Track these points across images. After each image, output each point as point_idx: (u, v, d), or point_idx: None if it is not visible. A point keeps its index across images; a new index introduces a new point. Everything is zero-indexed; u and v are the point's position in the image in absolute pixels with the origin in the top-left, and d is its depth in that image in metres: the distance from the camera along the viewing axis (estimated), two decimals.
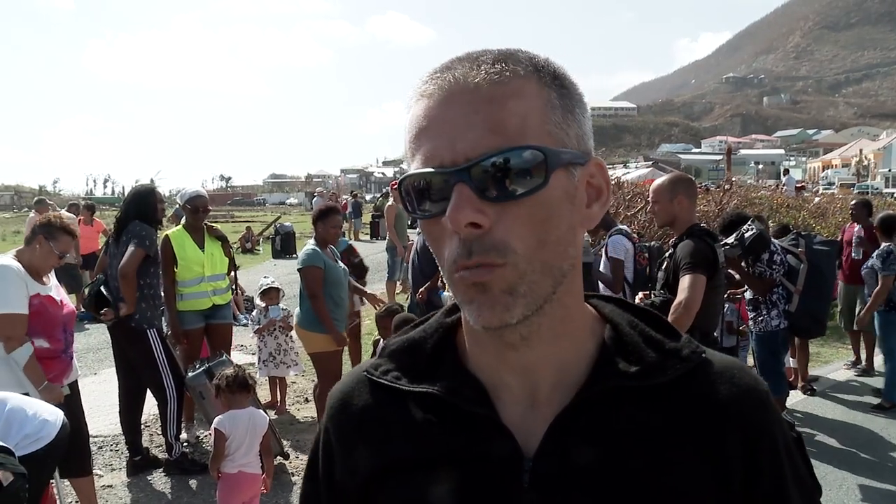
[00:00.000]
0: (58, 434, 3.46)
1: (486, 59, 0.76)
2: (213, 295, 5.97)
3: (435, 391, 0.84)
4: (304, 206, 56.00)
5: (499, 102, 0.74)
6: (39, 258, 4.17)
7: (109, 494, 5.00)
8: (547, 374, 0.82)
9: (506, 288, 0.74)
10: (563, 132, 0.76)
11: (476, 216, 0.72)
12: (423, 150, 0.76)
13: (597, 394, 0.79)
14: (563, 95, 0.78)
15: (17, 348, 3.96)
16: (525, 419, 0.81)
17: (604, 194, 0.82)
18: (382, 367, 0.90)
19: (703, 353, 0.83)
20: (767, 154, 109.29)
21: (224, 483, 4.07)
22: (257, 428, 4.12)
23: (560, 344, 0.81)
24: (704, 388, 0.82)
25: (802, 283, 5.96)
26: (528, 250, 0.74)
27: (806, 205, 15.81)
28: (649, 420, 0.79)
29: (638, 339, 0.83)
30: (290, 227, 21.99)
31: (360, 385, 0.93)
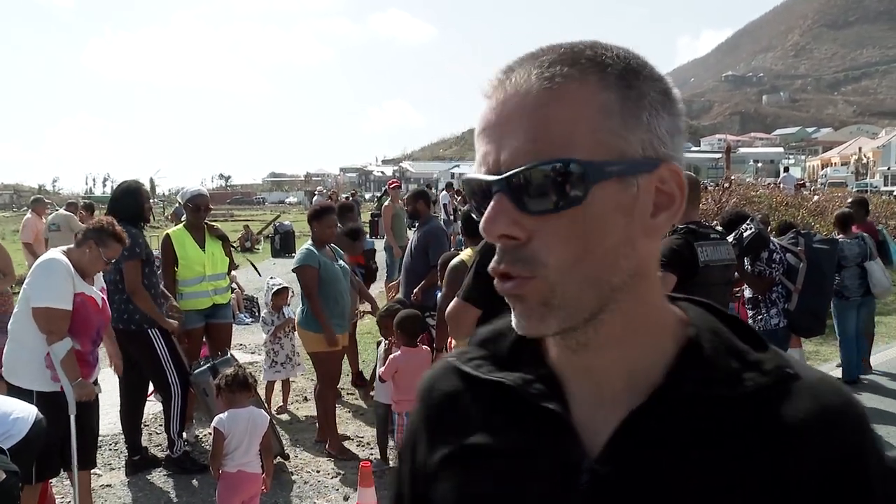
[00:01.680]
0: (30, 431, 3.51)
1: (545, 60, 0.74)
2: (214, 294, 5.97)
3: (509, 382, 0.84)
4: (303, 205, 55.96)
5: (546, 109, 0.71)
6: (88, 262, 4.27)
7: (108, 493, 5.00)
8: (615, 378, 0.79)
9: (540, 300, 0.73)
10: (621, 139, 0.72)
11: (509, 228, 0.72)
12: (479, 152, 0.76)
13: (668, 400, 0.76)
14: (626, 97, 0.73)
15: (57, 342, 4.03)
16: (594, 419, 0.79)
17: (676, 203, 0.76)
18: (467, 355, 0.91)
19: (789, 368, 0.77)
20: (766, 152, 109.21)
21: (224, 482, 4.07)
22: (257, 427, 4.12)
23: (628, 349, 0.79)
24: (786, 404, 0.75)
25: (802, 281, 5.96)
26: (563, 264, 0.72)
27: (805, 203, 15.82)
28: (720, 432, 0.74)
29: (719, 347, 0.79)
30: (289, 225, 21.96)
31: (445, 372, 0.94)
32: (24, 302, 4.16)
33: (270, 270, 16.57)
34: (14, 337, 4.21)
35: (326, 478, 5.24)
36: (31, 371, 4.10)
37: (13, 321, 4.27)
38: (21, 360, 4.14)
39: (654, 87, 0.75)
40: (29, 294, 4.13)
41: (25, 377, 4.09)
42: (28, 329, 4.10)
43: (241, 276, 12.77)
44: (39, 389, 4.02)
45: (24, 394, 3.98)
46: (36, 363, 4.10)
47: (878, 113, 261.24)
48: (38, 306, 4.07)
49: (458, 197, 22.12)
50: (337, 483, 5.15)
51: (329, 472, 5.34)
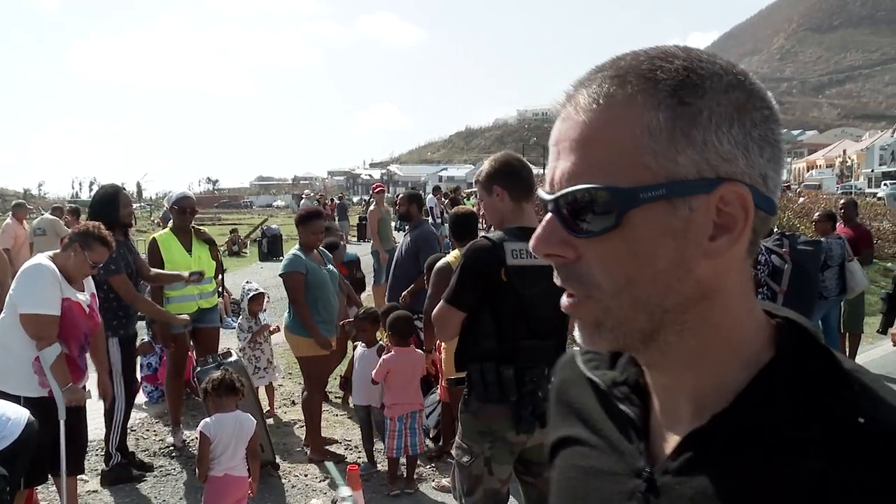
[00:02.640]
0: (22, 433, 3.49)
1: (598, 76, 0.74)
2: (200, 299, 5.95)
3: (599, 382, 0.89)
4: (290, 209, 55.82)
5: (589, 131, 0.72)
6: (73, 265, 4.25)
7: (95, 499, 4.98)
8: (685, 396, 0.79)
9: (592, 321, 0.75)
10: (669, 160, 0.70)
11: (554, 248, 0.74)
12: (547, 169, 0.78)
13: (728, 427, 0.73)
14: (677, 115, 0.70)
15: (47, 347, 4.03)
16: (666, 429, 0.81)
17: (736, 227, 0.71)
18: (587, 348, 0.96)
19: (861, 419, 0.69)
20: None
21: (211, 486, 4.06)
22: (244, 431, 4.12)
23: (696, 372, 0.77)
24: (850, 456, 0.68)
25: (787, 283, 6.00)
26: (614, 286, 0.73)
27: (790, 205, 15.93)
28: (776, 472, 0.70)
29: (795, 380, 0.73)
30: (276, 229, 21.92)
31: (567, 360, 1.01)
32: (10, 308, 4.14)
33: (258, 274, 16.53)
34: (1, 343, 4.19)
35: (314, 481, 5.23)
36: (17, 377, 4.08)
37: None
38: (7, 366, 4.12)
39: (720, 101, 0.71)
40: (16, 300, 4.11)
41: (12, 383, 4.06)
42: (14, 335, 4.08)
43: (228, 280, 12.72)
44: (27, 395, 4.00)
45: (12, 399, 3.95)
46: (23, 369, 4.08)
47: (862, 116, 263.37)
48: (25, 312, 4.05)
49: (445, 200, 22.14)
50: (324, 486, 5.14)
51: (316, 475, 5.33)
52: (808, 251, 6.20)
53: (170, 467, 5.51)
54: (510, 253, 3.07)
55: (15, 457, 3.43)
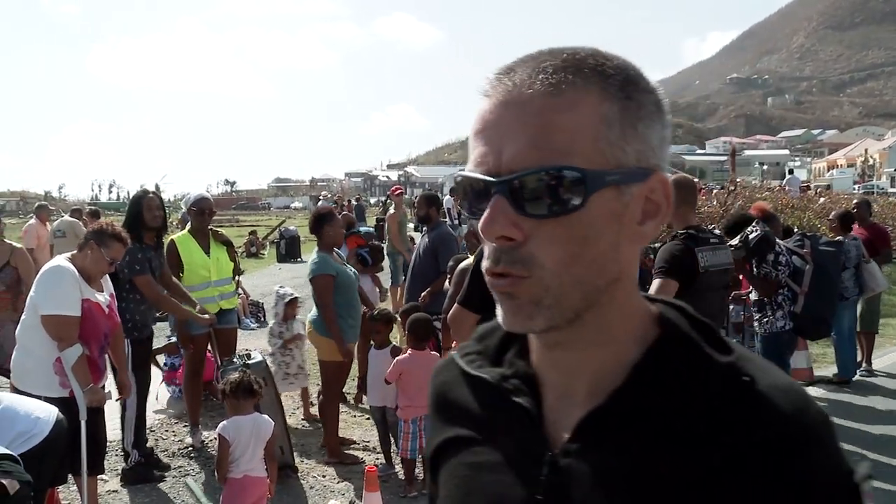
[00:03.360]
0: (51, 431, 3.51)
1: (549, 65, 0.75)
2: (221, 300, 5.98)
3: (488, 377, 0.89)
4: (308, 210, 56.04)
5: (549, 115, 0.73)
6: (91, 264, 4.28)
7: (115, 499, 5.01)
8: (584, 377, 0.82)
9: (530, 299, 0.76)
10: (619, 149, 0.75)
11: (507, 230, 0.74)
12: (476, 152, 0.77)
13: (626, 400, 0.78)
14: (626, 108, 0.75)
15: (68, 348, 4.06)
16: (562, 416, 0.83)
17: (661, 212, 0.79)
18: (465, 349, 0.96)
19: (747, 376, 0.77)
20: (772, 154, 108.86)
21: (229, 488, 4.08)
22: (261, 433, 4.12)
23: (598, 350, 0.81)
24: (738, 411, 0.75)
25: (808, 284, 5.94)
26: (557, 266, 0.74)
27: (811, 205, 15.78)
28: (675, 436, 0.75)
29: (681, 351, 0.80)
30: (294, 230, 21.98)
31: (447, 363, 1.00)
32: (31, 309, 4.18)
33: (276, 276, 16.61)
34: (21, 344, 4.23)
35: (332, 482, 5.24)
36: (39, 377, 4.12)
37: (20, 329, 4.29)
38: (29, 368, 4.16)
39: (649, 99, 0.78)
40: (37, 302, 4.14)
41: (33, 384, 4.10)
42: (35, 336, 4.12)
43: (247, 281, 12.78)
44: (48, 395, 4.03)
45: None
46: (44, 370, 4.11)
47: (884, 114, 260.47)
48: (47, 314, 4.09)
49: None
50: (343, 487, 5.14)
51: (335, 476, 5.33)
52: (829, 252, 6.13)
53: (188, 467, 5.53)
54: None
55: (44, 455, 3.46)
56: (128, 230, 5.21)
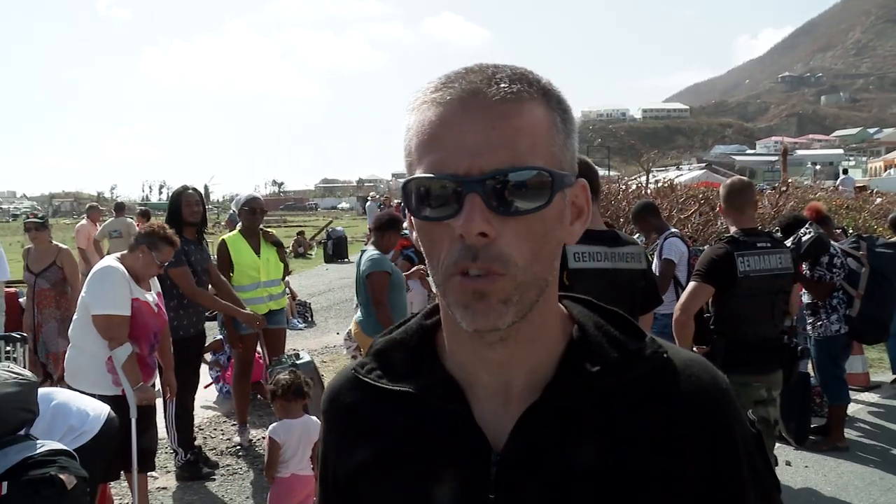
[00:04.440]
0: (102, 427, 3.56)
1: (502, 76, 0.80)
2: (270, 301, 6.03)
3: (411, 390, 0.89)
4: (355, 211, 56.41)
5: (514, 120, 0.78)
6: (141, 266, 4.36)
7: (164, 496, 5.09)
8: (520, 373, 0.86)
9: (503, 297, 0.79)
10: (563, 154, 0.82)
11: (485, 226, 0.76)
12: (436, 156, 0.79)
13: (562, 392, 0.84)
14: (564, 119, 0.83)
15: (119, 347, 4.15)
16: (497, 415, 0.86)
17: (584, 213, 0.87)
18: (368, 366, 0.96)
19: (665, 353, 0.87)
20: (825, 154, 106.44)
21: (277, 487, 4.11)
22: (311, 436, 4.14)
23: (534, 345, 0.86)
24: (664, 386, 0.85)
25: (864, 287, 5.79)
26: (525, 263, 0.79)
27: (867, 206, 15.38)
28: (610, 417, 0.83)
29: (602, 340, 0.87)
30: (341, 231, 22.21)
31: (347, 382, 0.98)
32: (83, 309, 4.27)
33: (323, 276, 16.75)
34: (75, 343, 4.33)
35: None
36: (92, 376, 4.20)
37: (73, 328, 4.38)
38: (82, 366, 4.24)
39: (572, 115, 0.86)
40: (88, 302, 4.23)
41: (87, 382, 4.18)
42: (87, 335, 4.21)
43: (294, 282, 12.91)
44: (101, 393, 4.11)
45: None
46: (97, 368, 4.20)
47: None
48: (98, 314, 4.17)
49: None
50: None
51: None
52: (887, 254, 5.96)
53: (236, 466, 5.60)
54: (573, 256, 3.03)
55: (95, 452, 3.51)
56: (173, 224, 5.29)
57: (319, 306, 12.55)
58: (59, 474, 3.03)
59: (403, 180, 0.83)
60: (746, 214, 4.15)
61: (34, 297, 6.43)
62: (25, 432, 3.25)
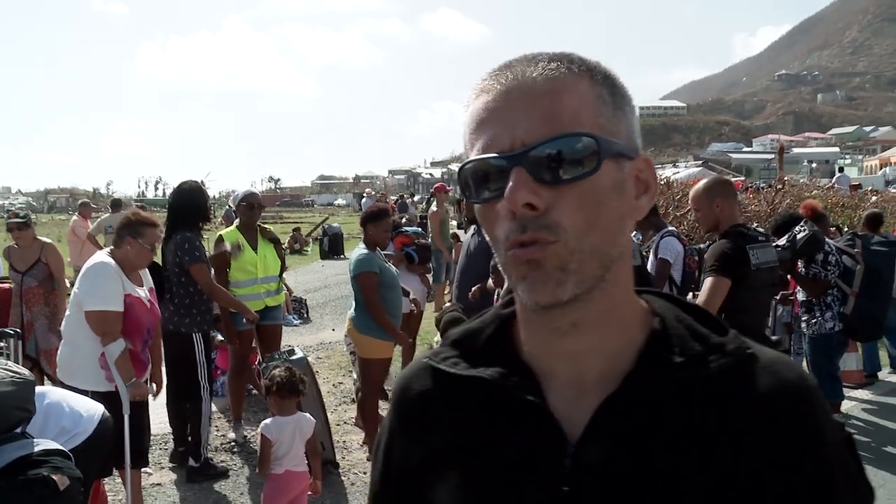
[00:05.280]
0: (96, 429, 3.54)
1: (543, 58, 0.82)
2: (266, 297, 6.03)
3: (486, 376, 0.87)
4: (352, 207, 56.34)
5: (554, 95, 0.79)
6: (134, 256, 4.36)
7: (158, 492, 5.09)
8: (594, 363, 0.84)
9: (558, 264, 0.78)
10: (614, 125, 0.81)
11: (531, 197, 0.76)
12: (483, 139, 0.81)
13: (642, 383, 0.81)
14: (613, 93, 0.83)
15: (111, 343, 4.13)
16: (572, 406, 0.84)
17: (651, 188, 0.86)
18: (442, 354, 0.94)
19: (749, 349, 0.84)
20: (821, 152, 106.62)
21: (270, 483, 4.11)
22: (303, 432, 4.14)
23: (608, 333, 0.84)
24: (748, 382, 0.82)
25: (859, 284, 5.80)
26: (578, 231, 0.77)
27: (862, 204, 15.40)
28: (692, 412, 0.80)
29: (684, 333, 0.85)
30: (338, 227, 22.19)
31: (421, 371, 0.97)
32: (76, 305, 4.26)
33: (319, 272, 16.74)
34: (67, 339, 4.32)
35: None
36: (86, 372, 4.19)
37: (65, 324, 4.37)
38: (76, 362, 4.23)
39: (625, 91, 0.85)
40: (81, 298, 4.22)
41: (81, 378, 4.18)
42: (80, 331, 4.20)
43: (290, 278, 12.90)
44: (95, 389, 4.10)
45: (81, 394, 4.06)
46: (90, 364, 4.19)
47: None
48: (91, 310, 4.17)
49: None
50: None
51: None
52: (881, 252, 5.97)
53: (231, 462, 5.60)
54: None
55: (88, 453, 3.50)
56: (191, 219, 5.31)
57: (315, 303, 12.55)
58: (52, 475, 3.02)
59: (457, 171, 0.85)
60: (737, 208, 4.19)
61: (22, 296, 6.35)
62: (22, 431, 3.24)
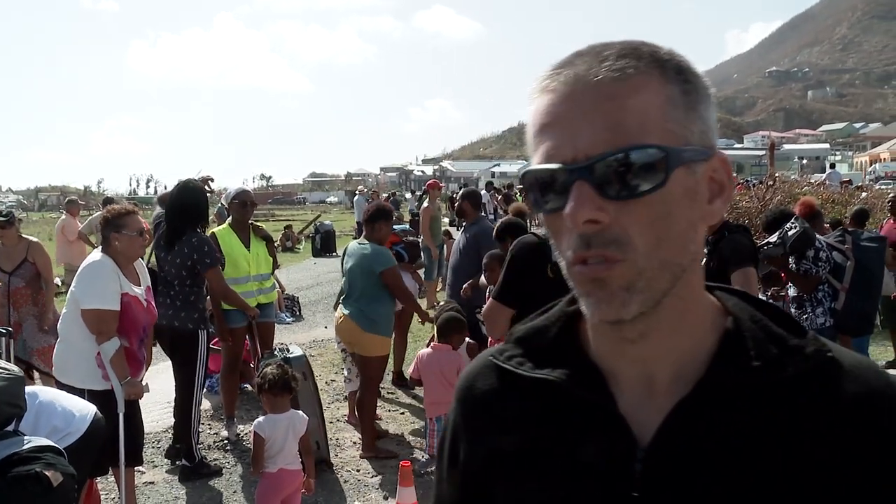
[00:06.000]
0: (88, 428, 3.53)
1: (609, 54, 0.76)
2: (259, 294, 6.03)
3: (553, 378, 0.85)
4: (343, 205, 56.29)
5: (620, 100, 0.74)
6: (126, 248, 4.34)
7: (152, 491, 5.08)
8: (665, 367, 0.81)
9: (624, 284, 0.75)
10: (685, 129, 0.76)
11: (594, 213, 0.73)
12: (545, 146, 0.77)
13: (713, 389, 0.78)
14: (686, 91, 0.77)
15: (107, 342, 4.13)
16: (641, 409, 0.81)
17: (726, 190, 0.81)
18: (507, 353, 0.92)
19: (830, 352, 0.79)
20: (812, 149, 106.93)
21: (265, 481, 4.11)
22: (297, 430, 4.14)
23: (678, 337, 0.81)
24: (829, 387, 0.78)
25: (849, 280, 5.83)
26: (647, 247, 0.74)
27: (852, 200, 15.46)
28: (768, 418, 0.77)
29: (760, 334, 0.81)
30: (329, 225, 22.18)
31: (485, 369, 0.95)
32: (73, 304, 4.25)
33: (311, 270, 16.71)
34: (63, 338, 4.31)
35: (367, 477, 5.26)
36: (82, 370, 4.18)
37: (61, 322, 4.36)
38: (71, 360, 4.23)
39: (701, 83, 0.79)
40: (77, 296, 4.21)
41: (77, 376, 4.17)
42: (76, 330, 4.19)
43: (282, 276, 12.89)
44: (91, 388, 4.10)
45: (76, 393, 4.04)
46: (86, 362, 4.18)
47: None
48: (87, 308, 4.16)
49: (498, 196, 22.05)
50: (377, 482, 5.16)
51: (369, 471, 5.35)
52: (871, 248, 6.00)
53: (224, 460, 5.59)
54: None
55: (81, 451, 3.49)
56: (201, 221, 5.31)
57: (307, 300, 12.54)
58: (44, 471, 3.01)
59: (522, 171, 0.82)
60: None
61: (9, 297, 6.27)
62: (13, 428, 3.23)
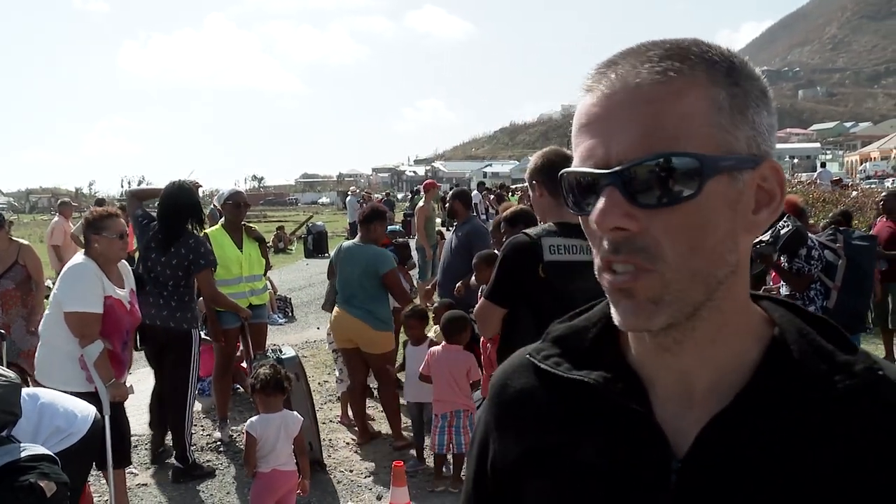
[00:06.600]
0: (89, 429, 3.52)
1: (654, 54, 0.74)
2: (251, 295, 6.02)
3: (590, 381, 0.83)
4: (335, 206, 56.24)
5: (658, 104, 0.71)
6: (107, 251, 4.31)
7: (144, 493, 5.06)
8: (703, 377, 0.79)
9: (651, 296, 0.73)
10: (730, 135, 0.73)
11: (622, 221, 0.71)
12: (582, 147, 0.76)
13: (755, 400, 0.75)
14: (734, 94, 0.73)
15: (90, 344, 4.12)
16: (678, 418, 0.79)
17: (775, 200, 0.76)
18: (544, 352, 0.90)
19: (881, 370, 0.75)
20: (803, 148, 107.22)
21: (258, 482, 4.09)
22: (289, 430, 4.12)
23: (717, 348, 0.78)
24: (878, 408, 0.74)
25: (841, 278, 5.84)
26: (678, 258, 0.72)
27: (843, 199, 15.53)
28: (811, 436, 0.74)
29: (807, 348, 0.77)
30: (322, 226, 22.14)
31: (521, 368, 0.93)
32: (55, 306, 4.23)
33: (303, 270, 16.69)
34: (46, 340, 4.28)
35: (360, 477, 5.25)
36: (64, 373, 4.16)
37: (43, 325, 4.34)
38: (55, 364, 4.20)
39: (755, 86, 0.76)
40: (60, 299, 4.19)
41: (59, 379, 4.13)
42: (59, 333, 4.17)
43: (274, 277, 12.86)
44: (74, 390, 4.07)
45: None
46: (69, 365, 4.16)
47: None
48: (70, 311, 4.14)
49: (490, 196, 22.06)
50: (370, 482, 5.15)
51: (362, 471, 5.34)
52: (862, 246, 6.02)
53: (217, 462, 5.57)
54: (548, 248, 3.01)
55: (83, 452, 3.47)
56: (199, 224, 5.30)
57: (300, 301, 12.51)
58: (38, 481, 3.00)
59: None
60: None
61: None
62: (7, 434, 3.21)
